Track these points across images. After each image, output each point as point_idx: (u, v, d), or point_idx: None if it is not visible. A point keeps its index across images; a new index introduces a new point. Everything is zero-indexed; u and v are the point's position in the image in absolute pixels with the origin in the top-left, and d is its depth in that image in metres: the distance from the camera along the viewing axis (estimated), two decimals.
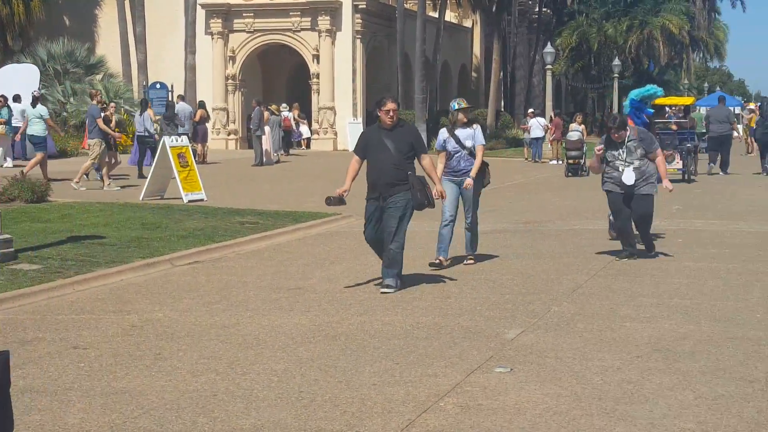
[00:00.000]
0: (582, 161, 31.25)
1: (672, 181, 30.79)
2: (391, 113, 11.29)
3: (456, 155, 12.98)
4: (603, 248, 14.37)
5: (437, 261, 12.90)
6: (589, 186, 26.57)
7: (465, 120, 13.09)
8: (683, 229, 16.83)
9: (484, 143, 13.14)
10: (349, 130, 44.59)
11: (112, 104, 27.82)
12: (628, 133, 13.39)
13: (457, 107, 13.14)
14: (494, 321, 9.58)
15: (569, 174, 31.35)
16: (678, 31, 65.37)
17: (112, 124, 24.65)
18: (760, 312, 9.93)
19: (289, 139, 40.84)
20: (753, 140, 35.83)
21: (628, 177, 13.29)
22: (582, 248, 14.52)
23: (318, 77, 46.61)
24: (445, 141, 13.11)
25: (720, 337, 8.86)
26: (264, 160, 34.34)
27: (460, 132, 13.05)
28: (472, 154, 12.97)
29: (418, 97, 45.36)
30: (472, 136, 12.98)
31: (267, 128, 34.67)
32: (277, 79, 50.92)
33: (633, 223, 13.58)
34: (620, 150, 13.35)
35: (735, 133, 35.51)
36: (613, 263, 13.17)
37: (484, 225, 15.67)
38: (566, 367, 7.87)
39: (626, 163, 13.33)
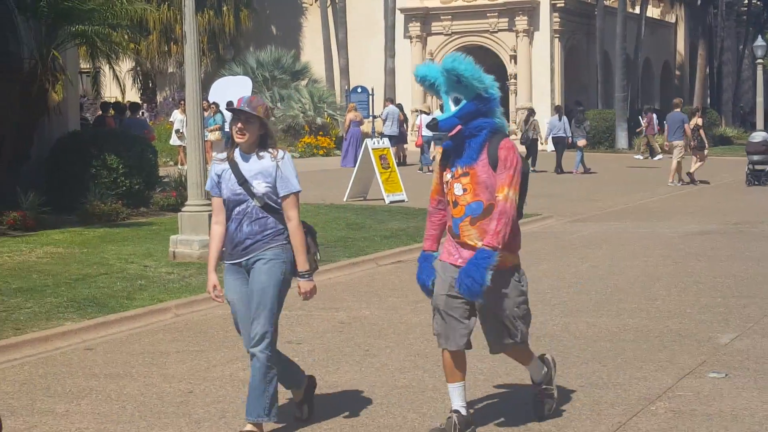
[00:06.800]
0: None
1: None
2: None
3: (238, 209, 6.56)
4: None
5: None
6: None
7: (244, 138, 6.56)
8: None
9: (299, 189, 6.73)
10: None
11: None
12: None
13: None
14: (705, 324, 9.32)
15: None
16: None
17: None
18: None
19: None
20: None
21: None
22: None
23: (515, 78, 46.35)
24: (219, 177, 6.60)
25: None
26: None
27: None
28: (270, 207, 6.69)
29: (618, 96, 44.59)
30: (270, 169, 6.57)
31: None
32: None
33: None
34: None
35: None
36: None
37: (689, 225, 15.20)
38: None
39: None
